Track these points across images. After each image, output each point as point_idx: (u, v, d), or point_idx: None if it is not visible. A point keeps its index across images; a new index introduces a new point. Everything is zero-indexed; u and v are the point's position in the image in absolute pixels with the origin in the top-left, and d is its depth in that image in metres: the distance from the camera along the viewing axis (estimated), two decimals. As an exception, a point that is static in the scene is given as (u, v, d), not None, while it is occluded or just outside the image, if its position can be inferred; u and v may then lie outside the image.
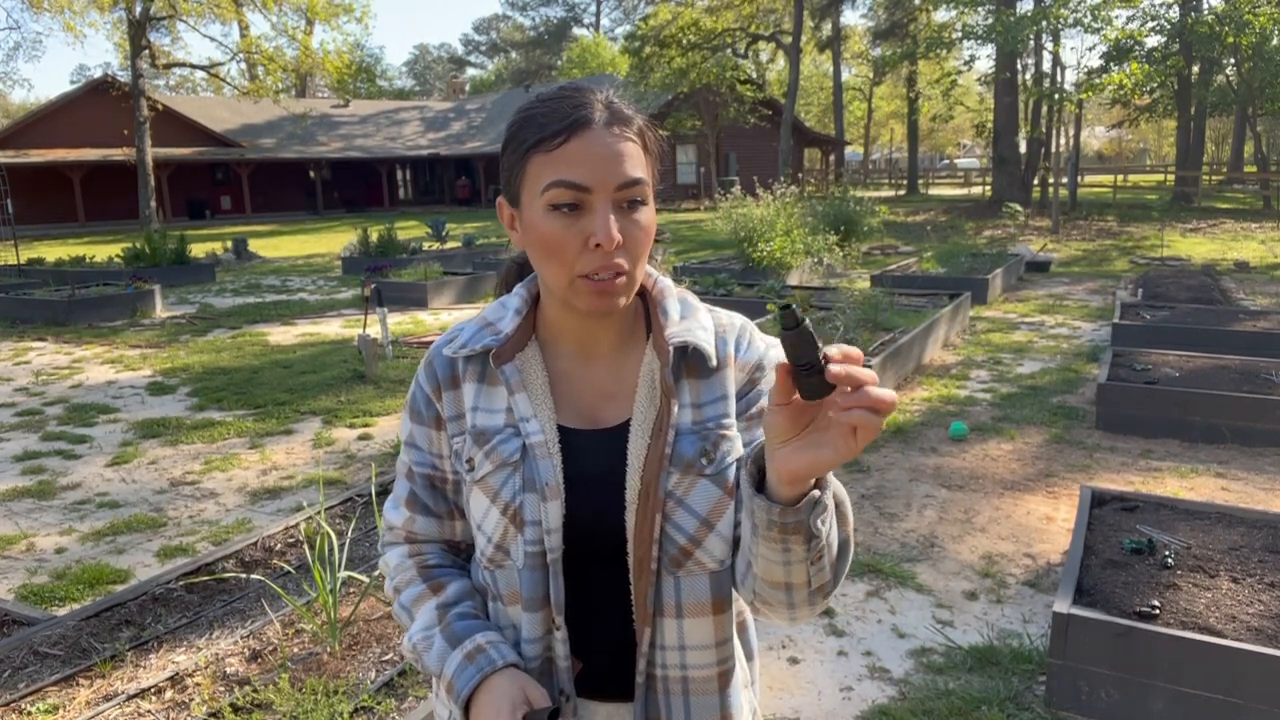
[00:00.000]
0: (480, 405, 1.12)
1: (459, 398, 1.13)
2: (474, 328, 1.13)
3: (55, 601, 3.60)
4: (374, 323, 8.86)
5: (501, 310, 1.14)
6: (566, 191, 0.99)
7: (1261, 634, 2.58)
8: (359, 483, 4.78)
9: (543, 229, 1.01)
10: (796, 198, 14.16)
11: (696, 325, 1.10)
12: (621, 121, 1.02)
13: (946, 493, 4.63)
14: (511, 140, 1.04)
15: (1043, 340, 8.55)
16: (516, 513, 1.07)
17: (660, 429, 1.07)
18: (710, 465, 1.07)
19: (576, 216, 1.00)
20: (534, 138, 1.01)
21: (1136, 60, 23.68)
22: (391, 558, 1.21)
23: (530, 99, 1.06)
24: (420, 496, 1.18)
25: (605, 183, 0.99)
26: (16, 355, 8.92)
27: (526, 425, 1.08)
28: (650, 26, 30.95)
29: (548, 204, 1.00)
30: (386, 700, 2.56)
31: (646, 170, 1.03)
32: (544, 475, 1.06)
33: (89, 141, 31.92)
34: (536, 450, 1.07)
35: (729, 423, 1.10)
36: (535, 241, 1.03)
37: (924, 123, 44.49)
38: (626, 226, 1.01)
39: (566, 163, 0.99)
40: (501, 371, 1.10)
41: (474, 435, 1.11)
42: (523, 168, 1.02)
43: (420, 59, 78.05)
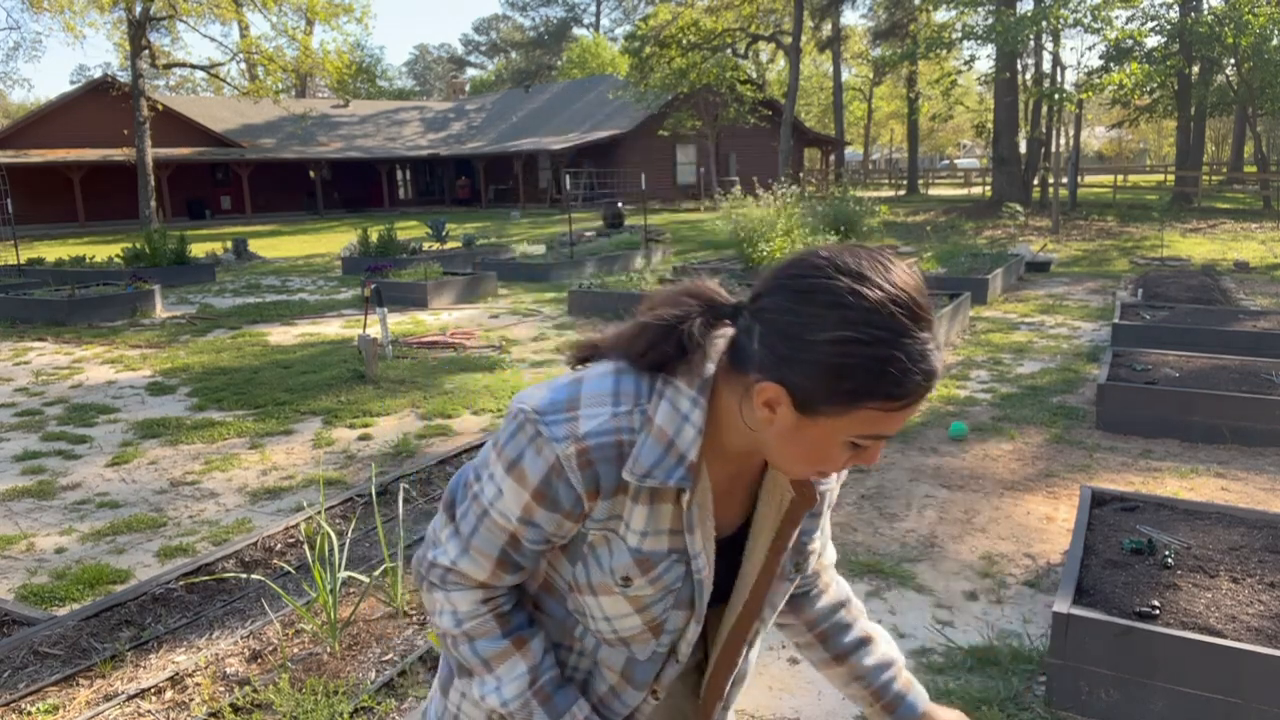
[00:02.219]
0: (649, 530, 1.06)
1: (618, 507, 1.05)
2: (655, 450, 1.02)
3: (55, 601, 3.60)
4: (374, 323, 8.86)
5: (678, 421, 1.02)
6: (876, 441, 0.98)
7: (1261, 634, 2.58)
8: (359, 483, 4.78)
9: (829, 450, 0.99)
10: (796, 198, 14.16)
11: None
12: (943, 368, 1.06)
13: (946, 493, 4.63)
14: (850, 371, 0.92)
15: (1043, 340, 8.55)
16: (660, 625, 1.12)
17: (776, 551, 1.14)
18: (796, 573, 1.20)
19: (862, 448, 0.99)
20: (882, 396, 0.92)
21: (1136, 60, 23.67)
22: (460, 600, 1.13)
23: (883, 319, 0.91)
24: (516, 560, 1.11)
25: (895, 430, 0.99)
26: (16, 355, 8.92)
27: (697, 560, 1.09)
28: (650, 27, 30.94)
29: (852, 440, 0.97)
30: (386, 700, 2.56)
31: None
32: (700, 603, 1.12)
33: (89, 141, 31.93)
34: (704, 583, 1.11)
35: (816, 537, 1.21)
36: (805, 449, 0.99)
37: (924, 123, 44.47)
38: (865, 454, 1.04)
39: (894, 422, 0.96)
40: (688, 512, 1.05)
41: (637, 559, 1.07)
42: (849, 407, 0.94)
43: (420, 59, 78.06)
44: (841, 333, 0.91)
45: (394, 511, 3.96)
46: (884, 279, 0.93)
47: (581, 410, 1.03)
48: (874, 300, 0.91)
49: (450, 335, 9.21)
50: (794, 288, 0.95)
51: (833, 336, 0.91)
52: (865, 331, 0.91)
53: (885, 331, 0.91)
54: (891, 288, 0.92)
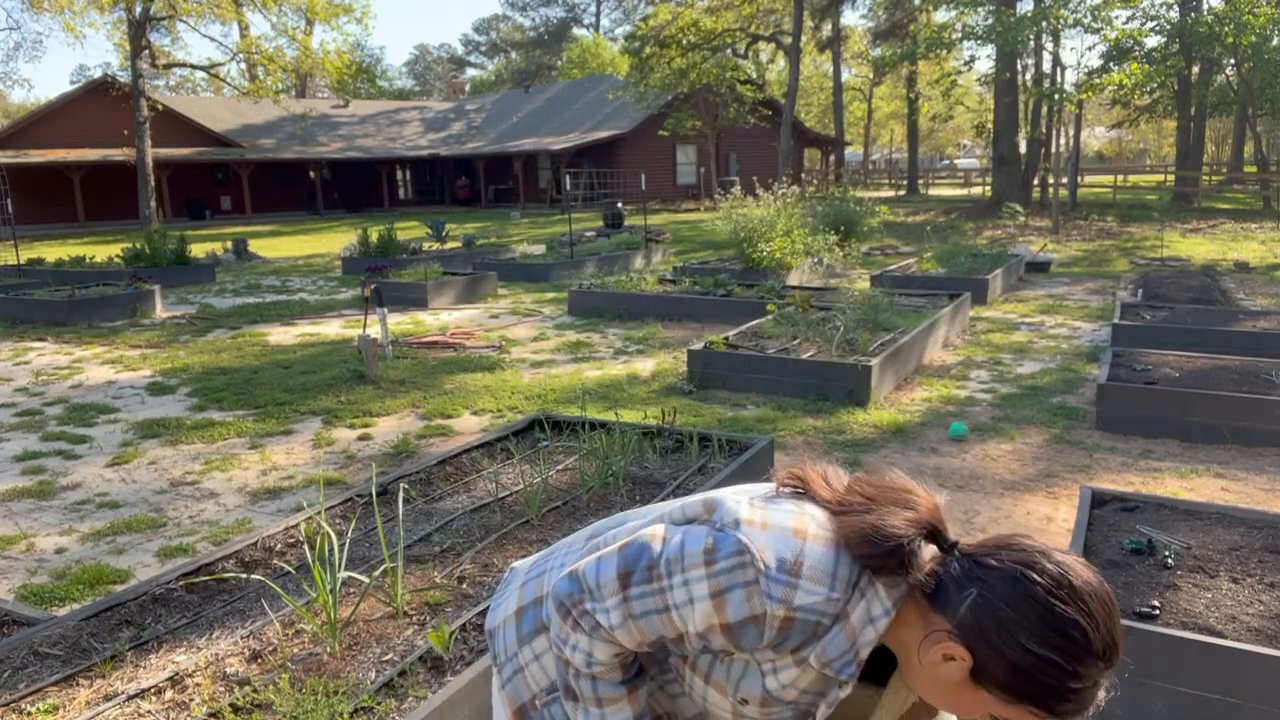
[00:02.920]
0: (790, 685, 1.16)
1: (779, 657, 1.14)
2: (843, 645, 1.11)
3: (55, 601, 3.60)
4: (374, 323, 8.86)
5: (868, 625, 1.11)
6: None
7: (1261, 634, 2.58)
8: (359, 483, 4.78)
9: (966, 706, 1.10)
10: (797, 198, 14.17)
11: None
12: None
13: (946, 493, 4.63)
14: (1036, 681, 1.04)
15: (1043, 340, 8.55)
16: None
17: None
18: None
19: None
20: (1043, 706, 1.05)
21: (1136, 60, 23.67)
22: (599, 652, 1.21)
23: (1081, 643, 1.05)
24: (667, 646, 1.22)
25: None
26: (16, 355, 8.92)
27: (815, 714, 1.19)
28: (650, 27, 30.93)
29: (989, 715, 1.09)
30: (386, 700, 2.56)
31: None
32: None
33: (89, 141, 31.93)
34: None
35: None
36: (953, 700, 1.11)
37: (924, 123, 44.49)
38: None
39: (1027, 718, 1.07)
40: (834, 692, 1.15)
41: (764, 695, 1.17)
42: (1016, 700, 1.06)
43: (420, 59, 78.05)
44: (1051, 655, 1.03)
45: (394, 511, 3.96)
46: (1104, 624, 1.05)
47: (802, 582, 1.09)
48: (1090, 645, 1.04)
49: (450, 335, 9.21)
50: (1025, 588, 1.05)
51: (1041, 654, 1.03)
52: (1070, 665, 1.03)
53: (1085, 672, 1.04)
54: (1106, 636, 1.05)
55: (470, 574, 3.34)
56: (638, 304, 10.08)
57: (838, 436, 5.56)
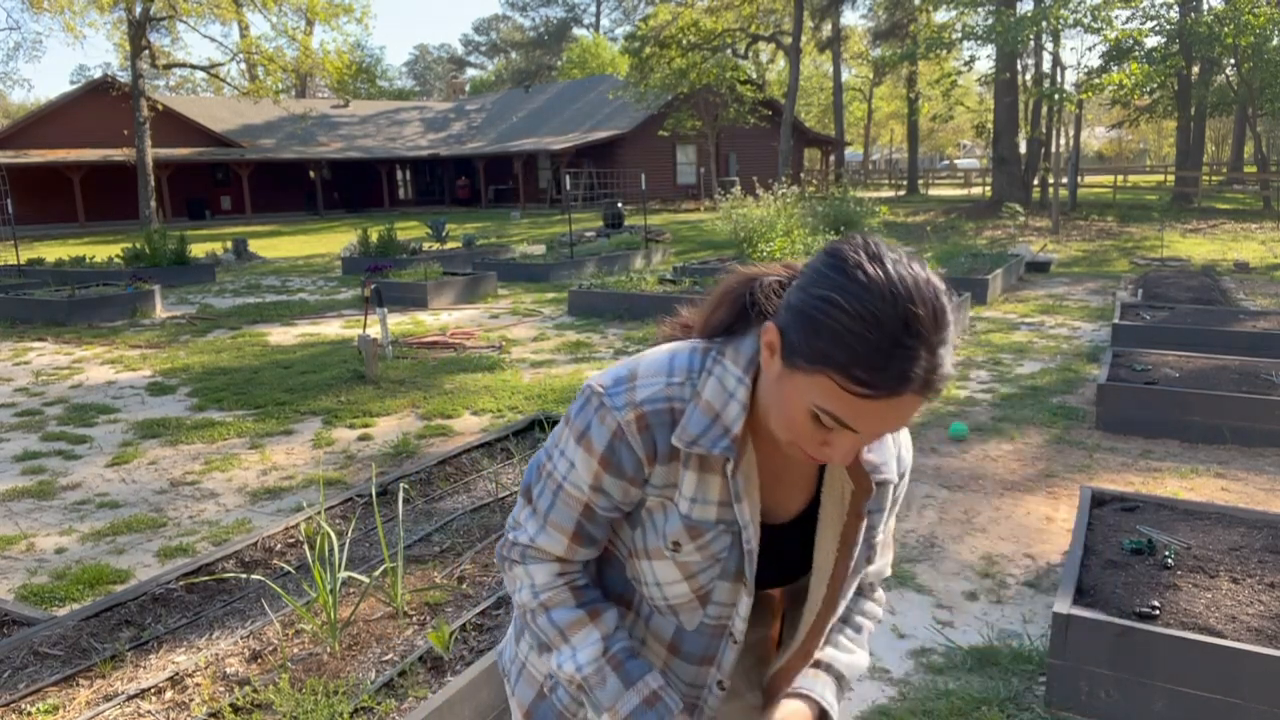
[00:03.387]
0: (698, 498, 1.12)
1: (672, 474, 1.12)
2: (703, 420, 1.08)
3: (55, 601, 3.60)
4: (374, 323, 8.86)
5: (725, 396, 1.08)
6: (835, 423, 0.97)
7: (1261, 634, 2.58)
8: (359, 483, 4.78)
9: (793, 414, 1.00)
10: (796, 198, 14.17)
11: (888, 453, 1.17)
12: (936, 389, 0.95)
13: (946, 493, 4.63)
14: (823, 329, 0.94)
15: (1043, 340, 8.55)
16: (706, 595, 1.16)
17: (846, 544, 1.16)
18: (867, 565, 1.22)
19: (828, 431, 1.00)
20: (842, 369, 0.93)
21: (1136, 60, 23.67)
22: (538, 573, 1.20)
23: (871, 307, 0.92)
24: (591, 532, 1.18)
25: (878, 432, 0.98)
26: (16, 355, 8.92)
27: (746, 531, 1.13)
28: (650, 27, 30.93)
29: (811, 410, 0.98)
30: (386, 700, 2.56)
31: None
32: (750, 574, 1.15)
33: (89, 141, 31.93)
34: (752, 554, 1.14)
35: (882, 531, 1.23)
36: (781, 409, 1.02)
37: (924, 123, 44.49)
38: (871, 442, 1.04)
39: (856, 414, 0.95)
40: (734, 481, 1.10)
41: (687, 525, 1.13)
42: (814, 366, 0.95)
43: (420, 59, 78.06)
44: (833, 294, 0.94)
45: (394, 512, 3.96)
46: (897, 268, 0.94)
47: (638, 381, 1.11)
48: (876, 280, 0.93)
49: (450, 335, 9.21)
50: (821, 255, 1.00)
51: (824, 294, 0.95)
52: (853, 303, 0.92)
53: (871, 312, 0.92)
54: (900, 278, 0.93)
55: (470, 574, 3.34)
56: (638, 304, 10.08)
57: (838, 436, 5.56)
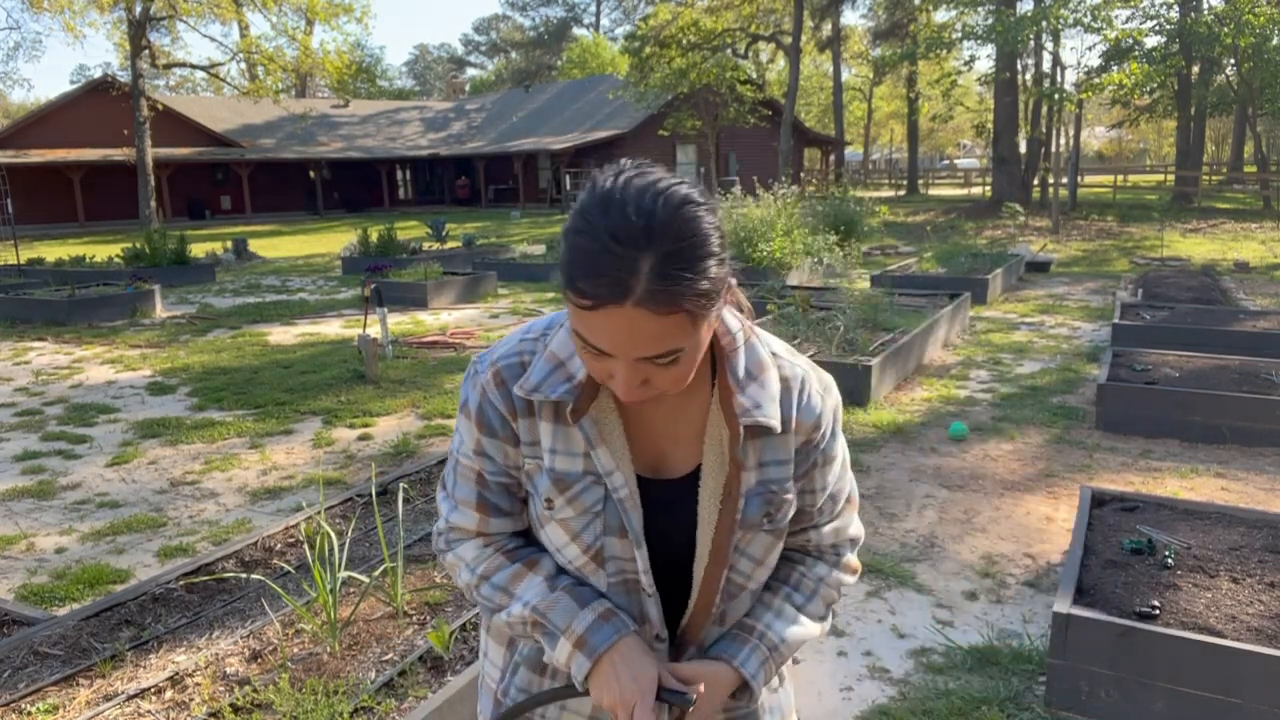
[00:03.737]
0: (558, 448, 1.10)
1: (534, 429, 1.11)
2: (545, 367, 1.08)
3: (55, 601, 3.60)
4: (374, 323, 8.86)
5: (571, 346, 1.08)
6: (583, 344, 0.97)
7: (1261, 634, 2.58)
8: (359, 483, 4.78)
9: (577, 346, 1.00)
10: (796, 198, 14.16)
11: (765, 396, 1.09)
12: (663, 303, 0.91)
13: (946, 493, 4.63)
14: (561, 247, 0.97)
15: (1043, 340, 8.55)
16: (599, 553, 1.12)
17: (730, 495, 1.11)
18: (770, 523, 1.15)
19: (601, 358, 0.98)
20: (568, 281, 0.94)
21: (1136, 60, 23.67)
22: (466, 551, 1.19)
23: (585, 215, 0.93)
24: (492, 500, 1.17)
25: (627, 354, 0.95)
26: (16, 355, 8.92)
27: (612, 478, 1.09)
28: (650, 27, 30.92)
29: (581, 339, 0.98)
30: (386, 700, 2.56)
31: (693, 330, 0.95)
32: (633, 526, 1.11)
33: (89, 141, 31.92)
34: (625, 504, 1.10)
35: (789, 486, 1.15)
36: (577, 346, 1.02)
37: (924, 123, 44.47)
38: (655, 374, 0.98)
39: (589, 327, 0.94)
40: (580, 426, 1.08)
41: (553, 478, 1.11)
42: (563, 291, 0.97)
43: (420, 59, 78.04)
44: (571, 212, 0.97)
45: (394, 511, 3.96)
46: (630, 181, 0.94)
47: (498, 346, 1.15)
48: (600, 193, 0.94)
49: (450, 335, 9.20)
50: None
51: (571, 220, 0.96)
52: (576, 217, 0.94)
53: (587, 220, 0.92)
54: (623, 189, 0.93)
55: (470, 574, 3.34)
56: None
57: (838, 436, 5.56)
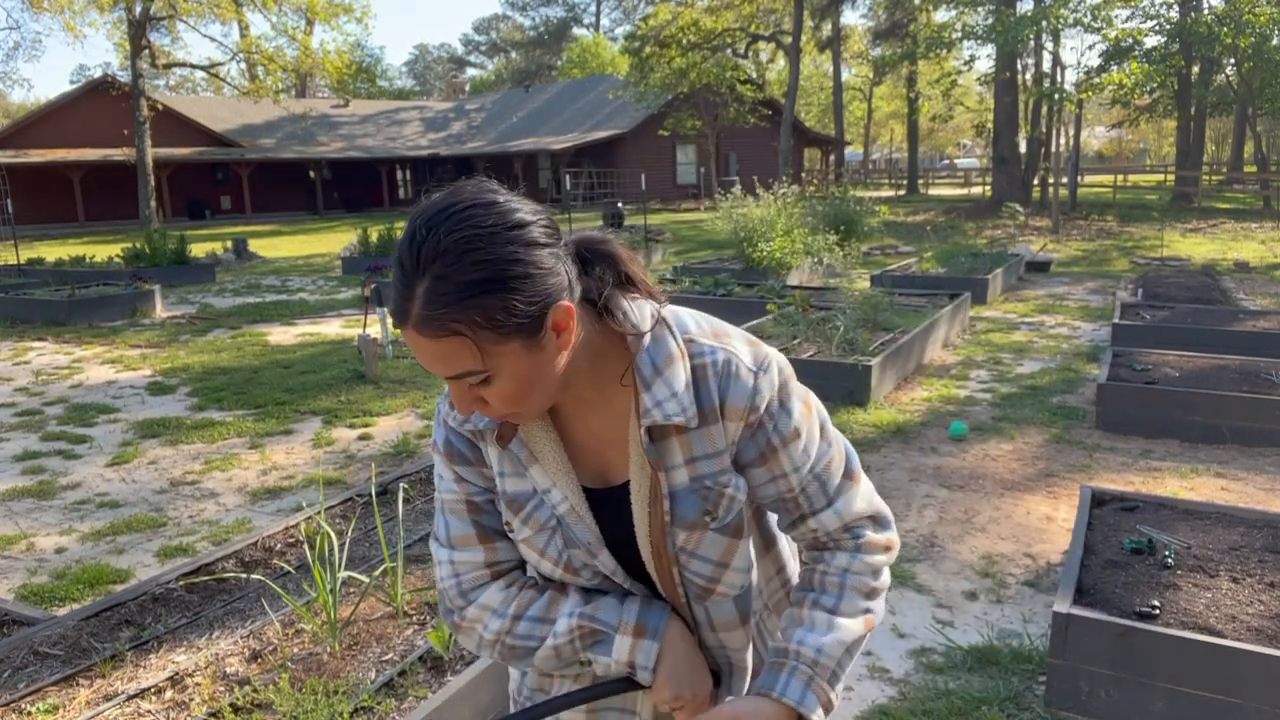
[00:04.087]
0: (506, 471, 1.12)
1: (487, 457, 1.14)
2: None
3: (55, 601, 3.60)
4: (374, 323, 8.86)
5: None
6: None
7: (1261, 634, 2.58)
8: (359, 483, 4.78)
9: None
10: (796, 198, 14.16)
11: (666, 392, 1.04)
12: (431, 326, 0.93)
13: (946, 493, 4.63)
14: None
15: (1043, 340, 8.55)
16: (568, 564, 1.14)
17: (654, 497, 1.09)
18: (715, 521, 1.10)
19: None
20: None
21: (1136, 60, 23.67)
22: (491, 597, 1.16)
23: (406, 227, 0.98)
24: (490, 525, 1.16)
25: (434, 373, 0.99)
26: (16, 355, 8.92)
27: (550, 495, 1.10)
28: (650, 26, 30.94)
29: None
30: (386, 700, 2.56)
31: (486, 352, 0.95)
32: (583, 537, 1.12)
33: (89, 141, 31.92)
34: (568, 518, 1.11)
35: (726, 479, 1.09)
36: None
37: (924, 123, 44.47)
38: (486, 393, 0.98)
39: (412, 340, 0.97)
40: (510, 450, 1.10)
41: (505, 500, 1.13)
42: None
43: (420, 59, 78.05)
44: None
45: (394, 511, 3.96)
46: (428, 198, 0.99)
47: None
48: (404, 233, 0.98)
49: (450, 335, 9.19)
50: None
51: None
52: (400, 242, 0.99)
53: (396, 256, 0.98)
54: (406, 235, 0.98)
55: (470, 574, 3.34)
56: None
57: (838, 436, 5.56)
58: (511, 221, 0.95)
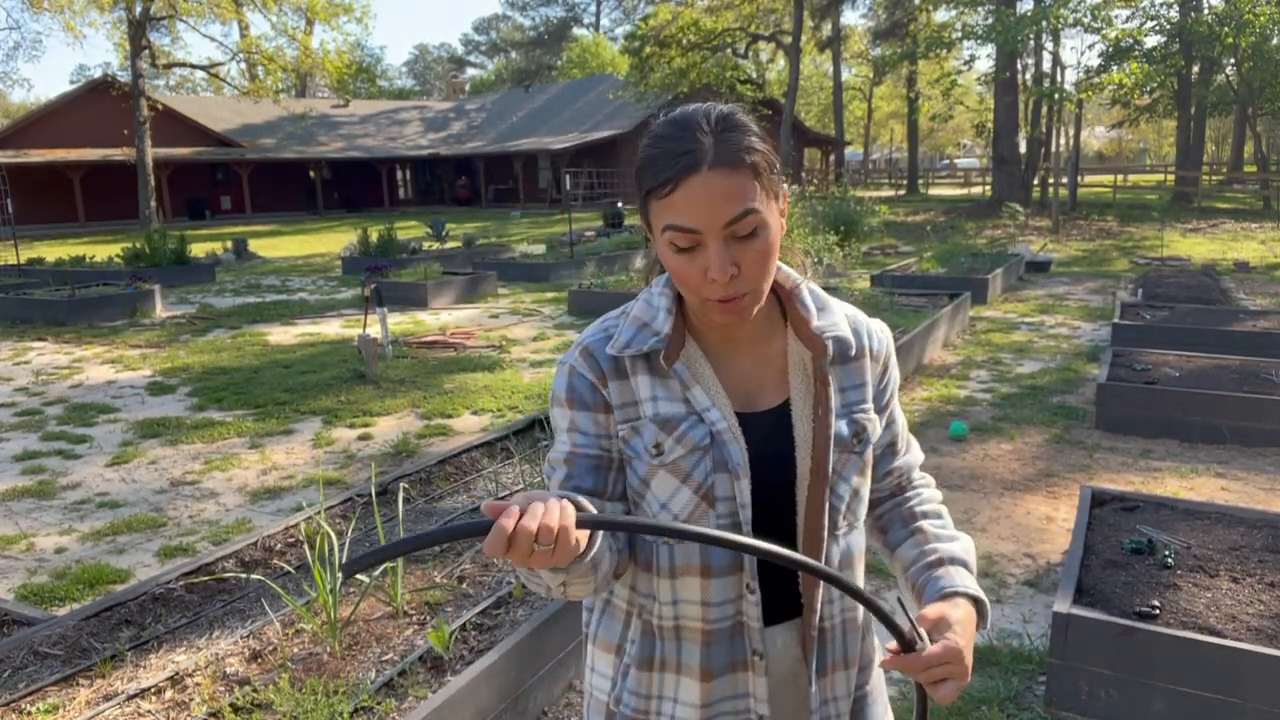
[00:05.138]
0: (659, 395, 1.18)
1: (627, 388, 1.18)
2: (631, 329, 1.19)
3: (55, 601, 3.60)
4: (374, 323, 8.86)
5: (652, 310, 1.20)
6: (680, 235, 1.08)
7: (1261, 634, 2.58)
8: (359, 483, 4.78)
9: (670, 262, 1.12)
10: (797, 198, 14.16)
11: (839, 319, 1.23)
12: (729, 159, 1.06)
13: (946, 492, 4.63)
14: (636, 178, 1.13)
15: (1043, 340, 8.55)
16: (709, 492, 1.17)
17: (822, 413, 1.19)
18: (859, 445, 1.23)
19: (694, 254, 1.09)
20: (647, 185, 1.10)
21: (1136, 60, 23.68)
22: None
23: (652, 132, 1.12)
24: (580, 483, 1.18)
25: (713, 224, 1.06)
26: (16, 355, 8.92)
27: (710, 414, 1.17)
28: (650, 26, 30.93)
29: (668, 243, 1.10)
30: (386, 700, 2.56)
31: (761, 196, 1.08)
32: (735, 457, 1.16)
33: (89, 141, 31.93)
34: (724, 435, 1.16)
35: (868, 408, 1.25)
36: (667, 268, 1.14)
37: (924, 123, 44.46)
38: (742, 254, 1.08)
39: (675, 210, 1.07)
40: (674, 371, 1.18)
41: (658, 423, 1.17)
42: (645, 208, 1.13)
43: (420, 59, 78.06)
44: (642, 142, 1.14)
45: (394, 511, 3.96)
46: (685, 109, 1.12)
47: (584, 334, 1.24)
48: (667, 121, 1.12)
49: (450, 335, 9.20)
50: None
51: (640, 147, 1.14)
52: (649, 138, 1.13)
53: (658, 136, 1.11)
54: (683, 113, 1.11)
55: (470, 574, 3.34)
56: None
57: (838, 436, 5.56)
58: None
